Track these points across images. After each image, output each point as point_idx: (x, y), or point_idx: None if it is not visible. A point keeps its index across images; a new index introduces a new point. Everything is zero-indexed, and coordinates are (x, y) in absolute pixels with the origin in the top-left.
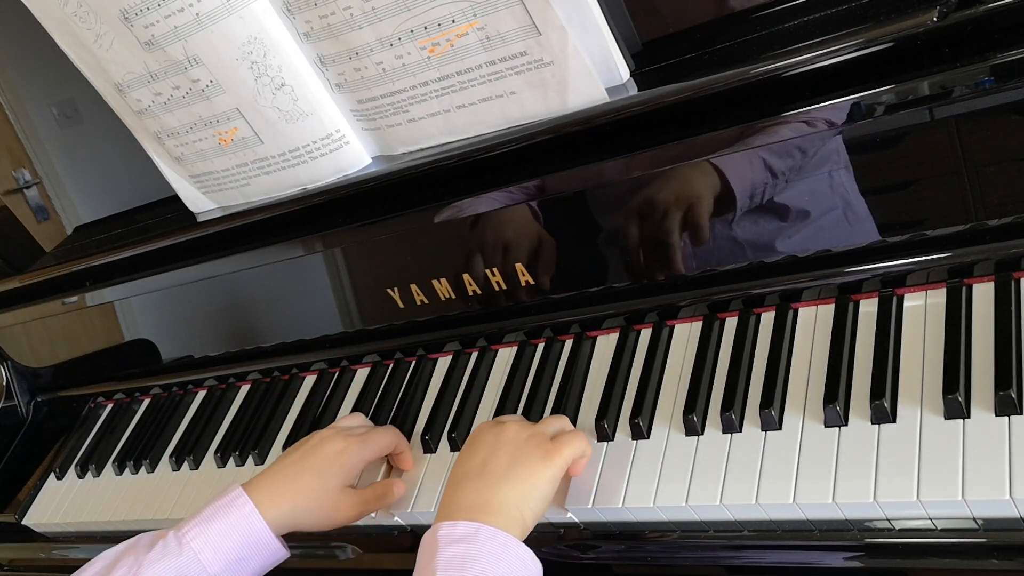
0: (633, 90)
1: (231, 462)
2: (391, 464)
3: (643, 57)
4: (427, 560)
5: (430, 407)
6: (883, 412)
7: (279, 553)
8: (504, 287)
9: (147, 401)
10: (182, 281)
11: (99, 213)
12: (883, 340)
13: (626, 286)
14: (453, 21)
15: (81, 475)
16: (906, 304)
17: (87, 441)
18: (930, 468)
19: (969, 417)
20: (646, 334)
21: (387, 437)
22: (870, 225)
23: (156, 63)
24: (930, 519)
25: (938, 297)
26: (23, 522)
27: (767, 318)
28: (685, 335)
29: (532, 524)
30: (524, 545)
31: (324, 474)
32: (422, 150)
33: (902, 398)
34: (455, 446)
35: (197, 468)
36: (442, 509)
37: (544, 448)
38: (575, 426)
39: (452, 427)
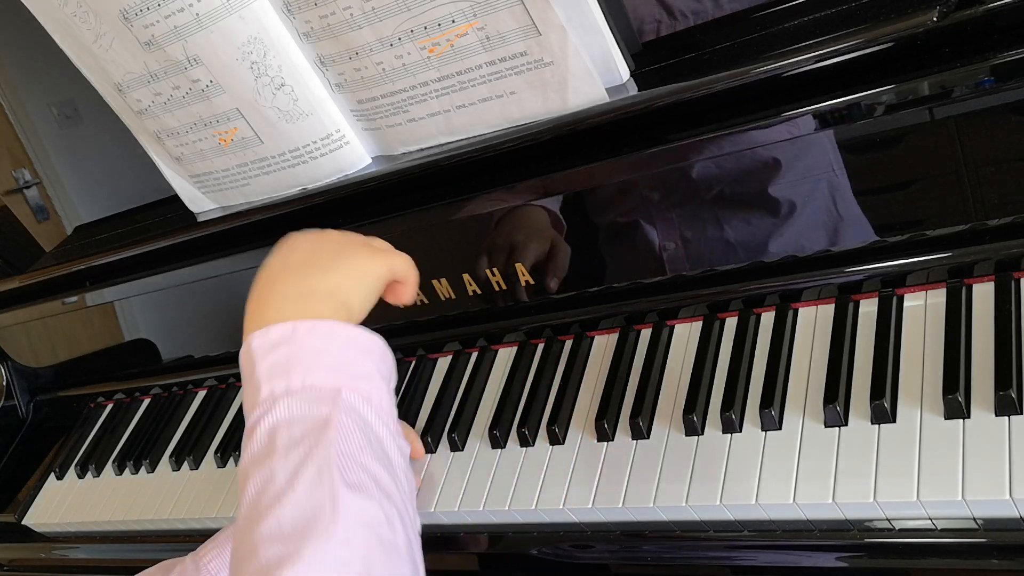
0: (633, 90)
1: (231, 462)
2: None
3: (643, 57)
4: (248, 374)
5: (430, 407)
6: (883, 412)
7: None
8: (504, 287)
9: (147, 401)
10: (182, 281)
11: (99, 213)
12: (883, 340)
13: (626, 286)
14: (453, 21)
15: (81, 475)
16: (906, 304)
17: (87, 441)
18: (930, 468)
19: (969, 417)
20: (646, 334)
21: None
22: (870, 225)
23: (156, 63)
24: (930, 519)
25: (938, 297)
26: (23, 522)
27: (767, 318)
28: (685, 335)
29: (359, 315)
30: (352, 325)
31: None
32: (422, 150)
33: (902, 398)
34: (455, 446)
35: (197, 468)
36: (253, 309)
37: (370, 247)
38: (577, 426)
39: (452, 427)
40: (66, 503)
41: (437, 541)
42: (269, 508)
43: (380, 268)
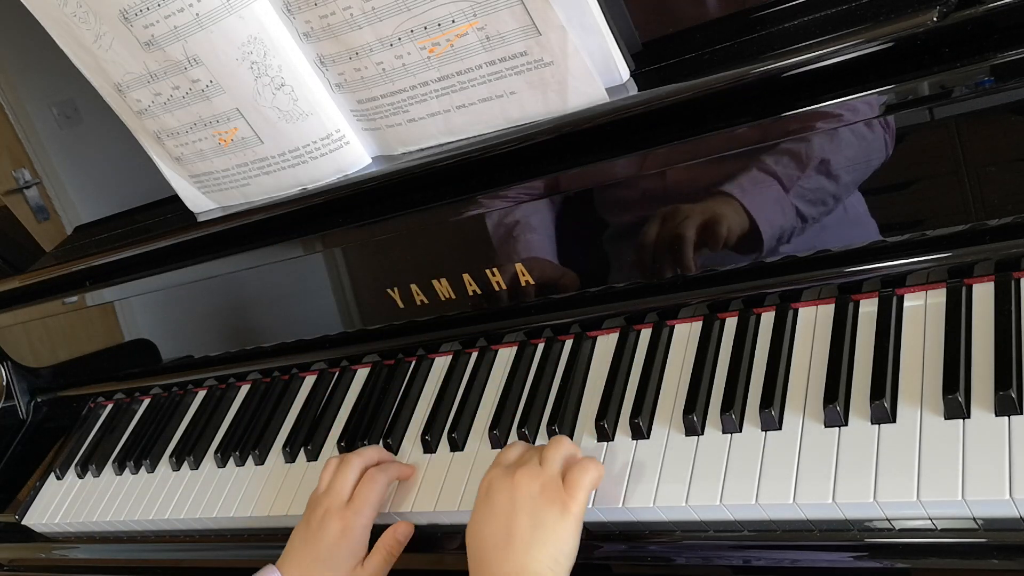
0: (633, 90)
1: (231, 462)
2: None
3: (643, 57)
4: None
5: (430, 407)
6: (883, 412)
7: None
8: (504, 287)
9: (147, 401)
10: (182, 281)
11: (99, 213)
12: (883, 340)
13: (626, 286)
14: (453, 21)
15: (81, 475)
16: (906, 304)
17: (87, 441)
18: (930, 468)
19: (969, 417)
20: (646, 334)
21: (375, 490)
22: (870, 225)
23: (156, 63)
24: (930, 519)
25: (938, 297)
26: (23, 522)
27: (767, 318)
28: (685, 335)
29: (568, 571)
30: None
31: (333, 562)
32: (422, 150)
33: (902, 398)
34: (455, 446)
35: (197, 468)
36: None
37: (561, 500)
38: (575, 425)
39: (452, 427)
40: (66, 503)
41: (437, 541)
42: None
43: (573, 523)
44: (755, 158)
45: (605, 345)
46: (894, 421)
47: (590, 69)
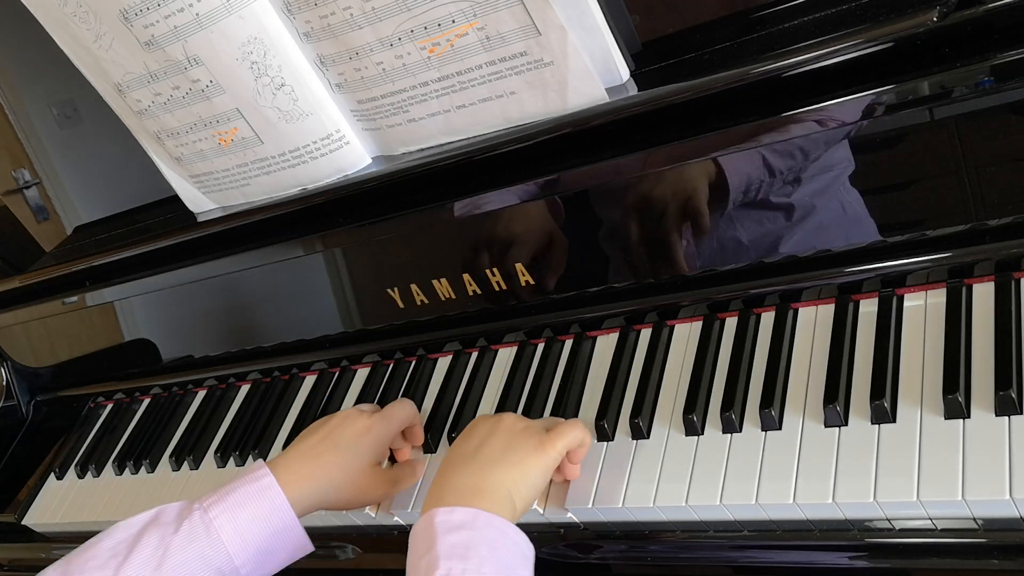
0: (633, 90)
1: (231, 462)
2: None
3: (643, 57)
4: (425, 548)
5: (430, 407)
6: (883, 412)
7: (305, 548)
8: (504, 287)
9: (147, 401)
10: (182, 281)
11: (99, 213)
12: (883, 340)
13: (626, 286)
14: (453, 21)
15: (81, 475)
16: (906, 304)
17: (87, 441)
18: (930, 468)
19: (969, 417)
20: (646, 334)
21: (406, 410)
22: (870, 225)
23: (156, 63)
24: (930, 519)
25: (938, 297)
26: (23, 522)
27: (767, 318)
28: (685, 335)
29: (522, 511)
30: (517, 529)
31: (353, 451)
32: (422, 150)
33: (902, 398)
34: None
35: (197, 468)
36: (432, 492)
37: (538, 438)
38: None
39: (452, 427)
40: (66, 503)
41: None
42: None
43: (545, 460)
44: (755, 157)
45: (605, 345)
46: (894, 421)
47: (590, 69)
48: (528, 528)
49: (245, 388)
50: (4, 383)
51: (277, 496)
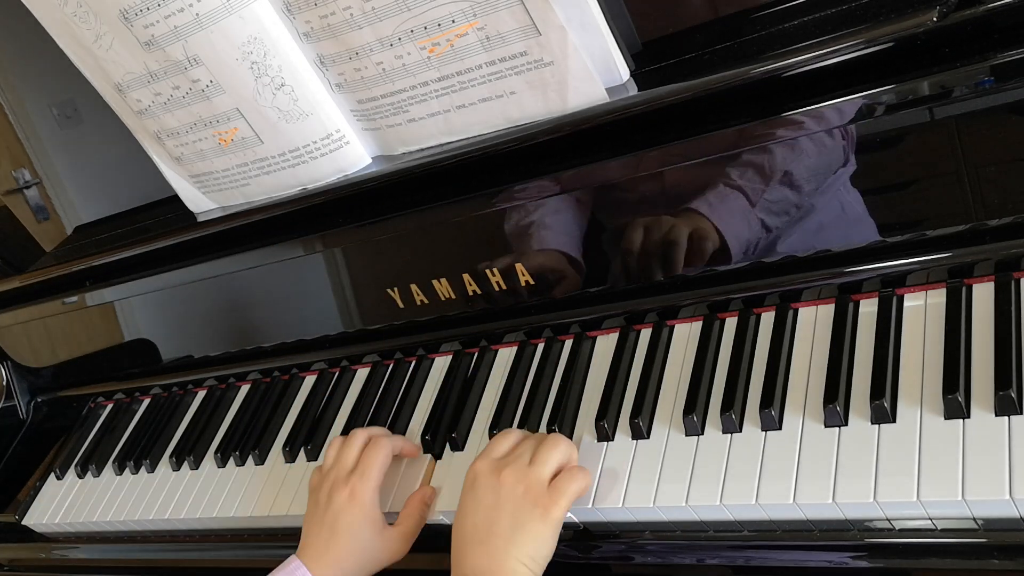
0: (633, 90)
1: (231, 462)
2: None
3: (643, 57)
4: None
5: (430, 407)
6: (883, 412)
7: None
8: (504, 287)
9: (147, 401)
10: (182, 281)
11: (99, 213)
12: (883, 340)
13: (626, 286)
14: (453, 21)
15: (81, 475)
16: (906, 304)
17: (87, 441)
18: (930, 468)
19: (969, 417)
20: (646, 334)
21: (380, 453)
22: (870, 225)
23: (156, 63)
24: (930, 519)
25: (938, 297)
26: (23, 522)
27: (767, 318)
28: (685, 335)
29: (542, 570)
30: None
31: (351, 529)
32: (422, 150)
33: (902, 398)
34: (455, 446)
35: (197, 468)
36: (455, 572)
37: (543, 504)
38: (575, 425)
39: (452, 427)
40: (66, 503)
41: (437, 541)
42: None
43: (552, 526)
44: (755, 157)
45: (605, 345)
46: (894, 421)
47: (590, 69)
48: None
49: (245, 388)
50: (4, 383)
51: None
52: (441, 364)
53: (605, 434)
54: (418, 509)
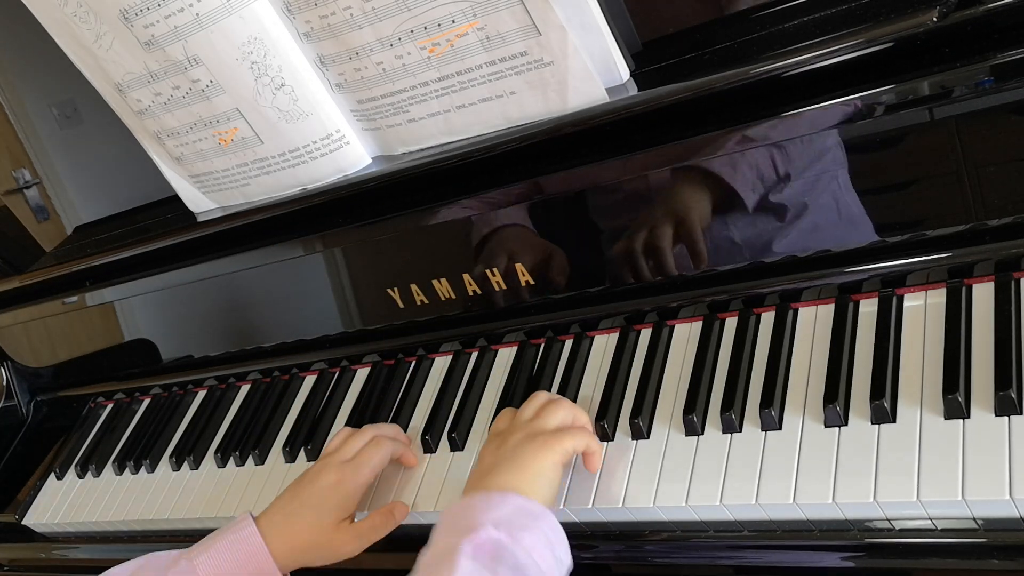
0: (633, 90)
1: (231, 462)
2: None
3: (643, 57)
4: (469, 514)
5: (430, 407)
6: (883, 412)
7: None
8: (504, 287)
9: (147, 401)
10: (182, 281)
11: (99, 213)
12: (883, 340)
13: (626, 286)
14: (453, 21)
15: (81, 475)
16: (906, 304)
17: (87, 441)
18: (930, 468)
19: (969, 417)
20: (646, 334)
21: (379, 453)
22: (870, 225)
23: (156, 63)
24: (930, 519)
25: (938, 297)
26: (23, 522)
27: (767, 318)
28: (685, 335)
29: (549, 503)
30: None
31: (320, 509)
32: (422, 150)
33: (902, 398)
34: (455, 446)
35: (197, 468)
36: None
37: (543, 442)
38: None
39: (452, 427)
40: (66, 503)
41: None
42: None
43: (556, 458)
44: (755, 157)
45: (605, 345)
46: (894, 421)
47: (590, 69)
48: None
49: (245, 388)
50: (4, 383)
51: (256, 543)
52: (441, 364)
53: (605, 434)
54: (382, 516)
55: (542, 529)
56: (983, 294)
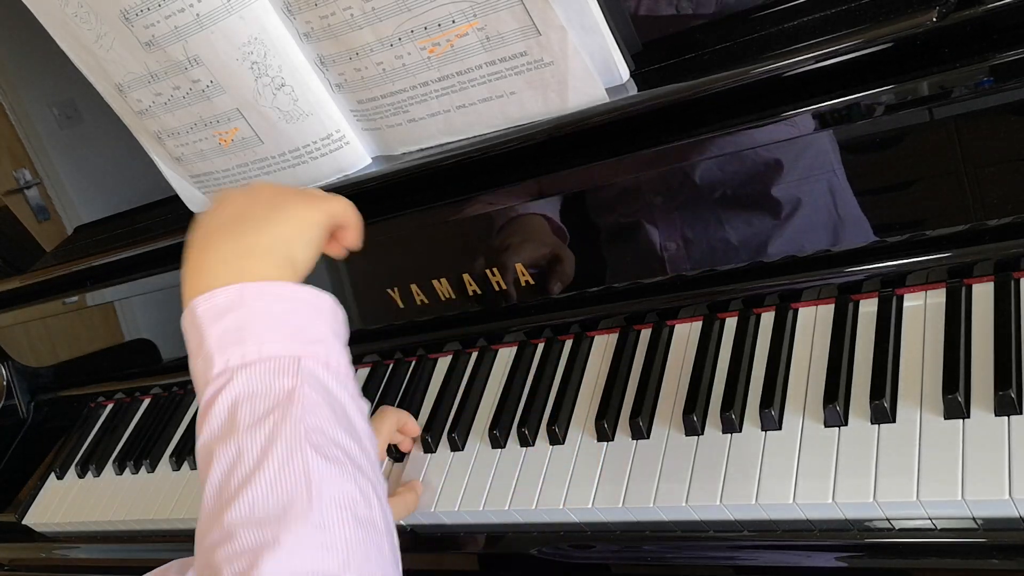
0: (633, 90)
1: None
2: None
3: (643, 57)
4: (195, 343)
5: (430, 407)
6: (883, 412)
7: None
8: (504, 287)
9: (147, 401)
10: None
11: (99, 213)
12: (883, 340)
13: (626, 286)
14: (453, 21)
15: (81, 475)
16: (906, 304)
17: (87, 441)
18: (930, 468)
19: (969, 417)
20: (646, 334)
21: (386, 419)
22: (870, 225)
23: (156, 63)
24: (930, 519)
25: (938, 297)
26: (23, 522)
27: (767, 318)
28: (685, 335)
29: (305, 268)
30: (299, 285)
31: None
32: (422, 150)
33: (902, 398)
34: (455, 446)
35: (197, 468)
36: (191, 275)
37: (307, 194)
38: (577, 426)
39: (452, 427)
40: (66, 503)
41: (437, 541)
42: (240, 490)
43: (319, 215)
44: (754, 157)
45: (605, 345)
46: (894, 421)
47: (590, 69)
48: (528, 527)
49: None
50: (4, 383)
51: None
52: (441, 364)
53: (605, 434)
54: (412, 490)
55: (332, 330)
56: (983, 294)
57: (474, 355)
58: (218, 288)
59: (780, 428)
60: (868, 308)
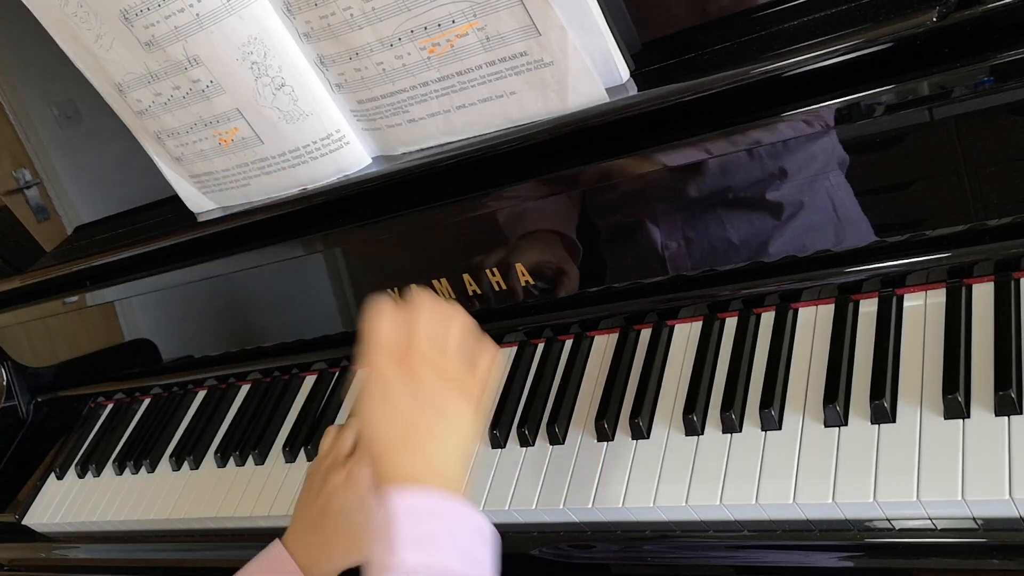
0: (633, 90)
1: (231, 462)
2: None
3: (643, 57)
4: (383, 528)
5: None
6: (883, 412)
7: None
8: (504, 287)
9: (147, 401)
10: (182, 281)
11: (99, 213)
12: (883, 340)
13: (626, 286)
14: (453, 21)
15: (81, 475)
16: (906, 304)
17: (87, 441)
18: (930, 468)
19: (969, 417)
20: (646, 334)
21: None
22: (870, 225)
23: (156, 63)
24: (930, 519)
25: (938, 297)
26: (23, 522)
27: (767, 318)
28: (685, 335)
29: (471, 459)
30: (475, 509)
31: (345, 511)
32: (422, 150)
33: (902, 398)
34: None
35: (197, 468)
36: (381, 476)
37: (467, 390)
38: (576, 426)
39: None
40: (66, 503)
41: None
42: None
43: (482, 414)
44: (754, 157)
45: (605, 345)
46: (894, 421)
47: (590, 69)
48: (528, 527)
49: (245, 388)
50: (4, 383)
51: (285, 561)
52: None
53: (605, 434)
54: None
55: (491, 562)
56: (983, 294)
57: None
58: (418, 492)
59: (780, 428)
60: (868, 308)
